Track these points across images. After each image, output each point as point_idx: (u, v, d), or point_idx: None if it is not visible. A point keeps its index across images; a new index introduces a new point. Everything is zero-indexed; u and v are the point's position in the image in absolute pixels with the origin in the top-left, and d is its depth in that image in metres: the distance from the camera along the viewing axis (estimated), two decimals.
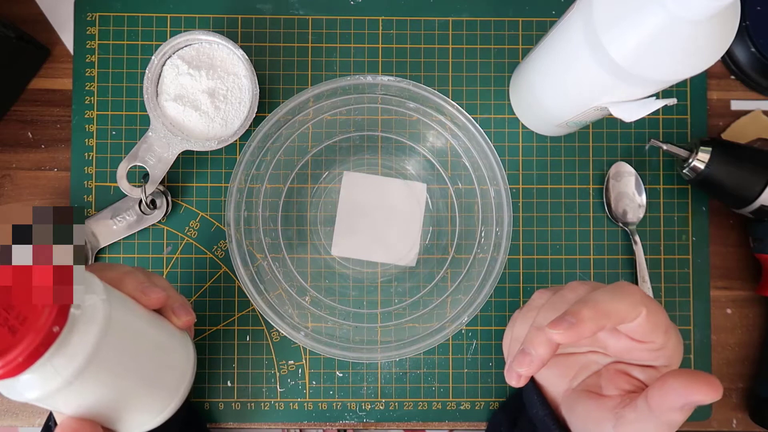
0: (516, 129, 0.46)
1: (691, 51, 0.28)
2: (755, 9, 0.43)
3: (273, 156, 0.42)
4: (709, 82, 0.46)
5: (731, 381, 0.45)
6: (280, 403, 0.44)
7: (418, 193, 0.45)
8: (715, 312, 0.45)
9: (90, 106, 0.45)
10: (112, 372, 0.26)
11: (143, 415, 0.29)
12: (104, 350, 0.25)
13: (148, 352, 0.28)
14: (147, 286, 0.30)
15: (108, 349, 0.25)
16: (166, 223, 0.44)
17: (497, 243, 0.39)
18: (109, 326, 0.25)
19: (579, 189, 0.45)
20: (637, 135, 0.46)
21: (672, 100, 0.32)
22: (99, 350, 0.25)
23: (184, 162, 0.45)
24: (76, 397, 0.26)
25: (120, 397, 0.27)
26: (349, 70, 0.46)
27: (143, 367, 0.28)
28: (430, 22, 0.46)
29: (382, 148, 0.45)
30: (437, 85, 0.46)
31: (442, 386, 0.44)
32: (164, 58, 0.41)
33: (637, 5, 0.27)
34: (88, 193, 0.44)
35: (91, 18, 0.45)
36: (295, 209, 0.45)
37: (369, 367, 0.44)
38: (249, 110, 0.41)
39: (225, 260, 0.45)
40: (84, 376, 0.24)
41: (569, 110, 0.38)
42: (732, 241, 0.46)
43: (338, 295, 0.44)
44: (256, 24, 0.45)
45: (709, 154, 0.40)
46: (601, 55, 0.30)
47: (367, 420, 0.44)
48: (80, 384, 0.25)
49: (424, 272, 0.45)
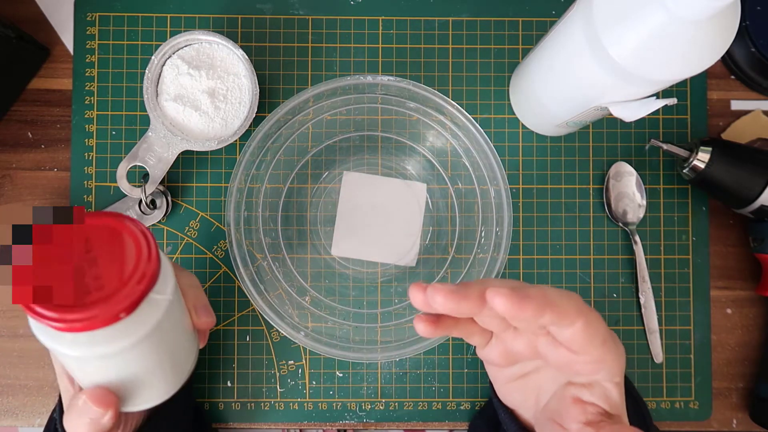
0: (516, 129, 0.46)
1: (691, 51, 0.28)
2: (755, 9, 0.44)
3: (273, 156, 0.42)
4: (709, 82, 0.46)
5: (731, 381, 0.45)
6: (280, 403, 0.44)
7: (418, 193, 0.45)
8: (715, 312, 0.45)
9: (90, 106, 0.45)
10: (149, 354, 0.28)
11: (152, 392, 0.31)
12: (153, 336, 0.27)
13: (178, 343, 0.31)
14: (201, 308, 0.32)
15: (155, 336, 0.27)
16: (166, 223, 0.44)
17: (497, 243, 0.39)
18: (167, 317, 0.27)
19: (579, 189, 0.45)
20: (637, 135, 0.46)
21: (672, 100, 0.32)
22: (150, 335, 0.27)
23: (184, 162, 0.45)
24: (110, 367, 0.28)
25: (143, 376, 0.29)
26: (349, 70, 0.46)
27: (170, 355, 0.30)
28: (430, 22, 0.46)
29: (382, 148, 0.45)
30: (437, 85, 0.46)
31: (442, 386, 0.44)
32: (164, 58, 0.41)
33: (637, 5, 0.27)
34: (88, 193, 0.44)
35: (91, 18, 0.45)
36: (295, 209, 0.45)
37: (369, 367, 0.44)
38: (249, 110, 0.41)
39: (225, 260, 0.45)
40: (127, 352, 0.26)
41: (569, 110, 0.38)
42: (732, 241, 0.46)
43: (338, 295, 0.44)
44: (256, 24, 0.45)
45: (709, 154, 0.40)
46: (601, 55, 0.30)
47: (367, 420, 0.44)
48: (120, 356, 0.27)
49: (424, 272, 0.45)
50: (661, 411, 0.45)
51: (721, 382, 0.45)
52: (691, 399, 0.45)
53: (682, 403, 0.45)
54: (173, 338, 0.30)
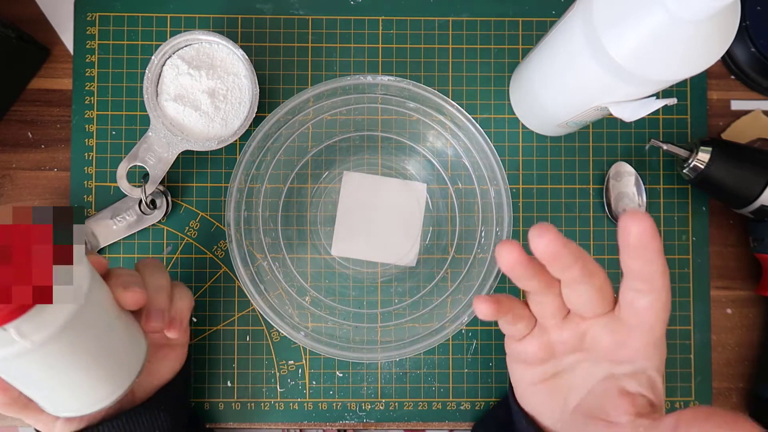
0: (516, 129, 0.46)
1: (691, 51, 0.28)
2: (755, 9, 0.43)
3: (273, 156, 0.42)
4: (709, 82, 0.46)
5: (731, 381, 0.45)
6: (280, 403, 0.44)
7: (418, 193, 0.45)
8: (715, 312, 0.45)
9: (90, 106, 0.45)
10: (57, 360, 0.26)
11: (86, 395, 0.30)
12: (62, 337, 0.26)
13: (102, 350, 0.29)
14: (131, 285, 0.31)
15: (65, 337, 0.26)
16: (166, 223, 0.44)
17: (497, 243, 0.39)
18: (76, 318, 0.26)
19: (579, 189, 0.45)
20: (637, 135, 0.46)
21: (672, 100, 0.32)
22: (55, 338, 0.25)
23: (184, 162, 0.45)
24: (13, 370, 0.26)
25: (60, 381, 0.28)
26: (349, 70, 0.46)
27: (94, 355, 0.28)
28: (430, 22, 0.46)
29: (382, 148, 0.45)
30: (437, 85, 0.46)
31: (442, 386, 0.44)
32: (164, 58, 0.41)
33: (637, 5, 0.27)
34: (88, 193, 0.44)
35: (91, 18, 0.45)
36: (295, 209, 0.45)
37: (369, 367, 0.44)
38: (249, 110, 0.41)
39: (225, 260, 0.45)
40: (40, 350, 0.25)
41: (569, 110, 0.38)
42: (732, 241, 0.46)
43: (338, 295, 0.44)
44: (256, 24, 0.45)
45: (709, 154, 0.40)
46: (601, 55, 0.30)
47: (367, 420, 0.44)
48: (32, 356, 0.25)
49: (424, 272, 0.45)
50: None
51: (721, 382, 0.45)
52: (691, 399, 0.45)
53: (682, 403, 0.45)
54: (93, 337, 0.28)
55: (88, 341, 0.27)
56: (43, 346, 0.25)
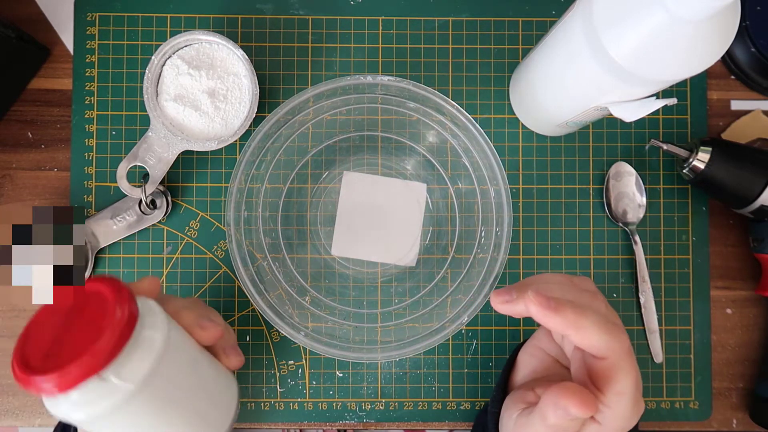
0: (516, 129, 0.46)
1: (691, 51, 0.28)
2: (755, 9, 0.43)
3: (273, 156, 0.42)
4: (709, 82, 0.46)
5: (731, 381, 0.45)
6: (280, 403, 0.44)
7: (418, 193, 0.45)
8: (715, 312, 0.45)
9: (90, 106, 0.45)
10: (159, 401, 0.26)
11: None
12: (157, 378, 0.25)
13: (196, 387, 0.28)
14: (204, 321, 0.30)
15: (160, 378, 0.25)
16: (166, 223, 0.45)
17: (497, 243, 0.39)
18: (165, 355, 0.25)
19: (579, 189, 0.45)
20: (637, 135, 0.46)
21: (672, 100, 0.32)
22: (153, 377, 0.25)
23: (184, 162, 0.45)
24: (120, 423, 0.25)
25: (161, 429, 0.27)
26: (349, 70, 0.46)
27: (189, 401, 0.28)
28: (430, 22, 0.46)
29: (382, 148, 0.45)
30: (437, 85, 0.46)
31: (442, 386, 0.44)
32: (164, 58, 0.41)
33: (637, 5, 0.27)
34: (88, 193, 0.44)
35: (91, 18, 0.45)
36: (295, 209, 0.45)
37: (369, 367, 0.44)
38: (249, 110, 0.41)
39: (225, 260, 0.45)
40: (133, 402, 0.24)
41: (569, 110, 0.38)
42: (732, 241, 0.46)
43: (338, 295, 0.44)
44: (256, 24, 0.45)
45: (709, 154, 0.40)
46: (601, 55, 0.30)
47: (367, 420, 0.44)
48: (126, 410, 0.25)
49: (424, 272, 0.45)
50: (661, 411, 0.45)
51: (721, 382, 0.45)
52: (691, 399, 0.45)
53: (682, 403, 0.45)
54: (186, 379, 0.27)
55: (181, 376, 0.27)
56: (146, 384, 0.24)
